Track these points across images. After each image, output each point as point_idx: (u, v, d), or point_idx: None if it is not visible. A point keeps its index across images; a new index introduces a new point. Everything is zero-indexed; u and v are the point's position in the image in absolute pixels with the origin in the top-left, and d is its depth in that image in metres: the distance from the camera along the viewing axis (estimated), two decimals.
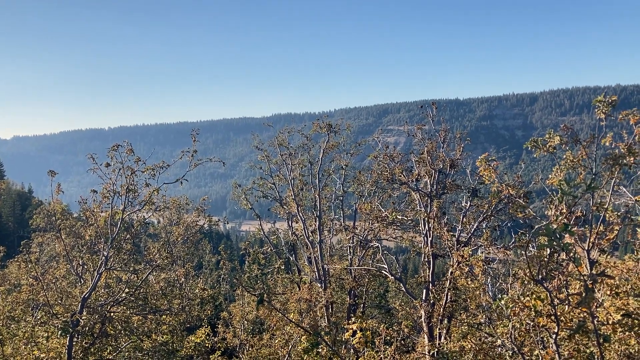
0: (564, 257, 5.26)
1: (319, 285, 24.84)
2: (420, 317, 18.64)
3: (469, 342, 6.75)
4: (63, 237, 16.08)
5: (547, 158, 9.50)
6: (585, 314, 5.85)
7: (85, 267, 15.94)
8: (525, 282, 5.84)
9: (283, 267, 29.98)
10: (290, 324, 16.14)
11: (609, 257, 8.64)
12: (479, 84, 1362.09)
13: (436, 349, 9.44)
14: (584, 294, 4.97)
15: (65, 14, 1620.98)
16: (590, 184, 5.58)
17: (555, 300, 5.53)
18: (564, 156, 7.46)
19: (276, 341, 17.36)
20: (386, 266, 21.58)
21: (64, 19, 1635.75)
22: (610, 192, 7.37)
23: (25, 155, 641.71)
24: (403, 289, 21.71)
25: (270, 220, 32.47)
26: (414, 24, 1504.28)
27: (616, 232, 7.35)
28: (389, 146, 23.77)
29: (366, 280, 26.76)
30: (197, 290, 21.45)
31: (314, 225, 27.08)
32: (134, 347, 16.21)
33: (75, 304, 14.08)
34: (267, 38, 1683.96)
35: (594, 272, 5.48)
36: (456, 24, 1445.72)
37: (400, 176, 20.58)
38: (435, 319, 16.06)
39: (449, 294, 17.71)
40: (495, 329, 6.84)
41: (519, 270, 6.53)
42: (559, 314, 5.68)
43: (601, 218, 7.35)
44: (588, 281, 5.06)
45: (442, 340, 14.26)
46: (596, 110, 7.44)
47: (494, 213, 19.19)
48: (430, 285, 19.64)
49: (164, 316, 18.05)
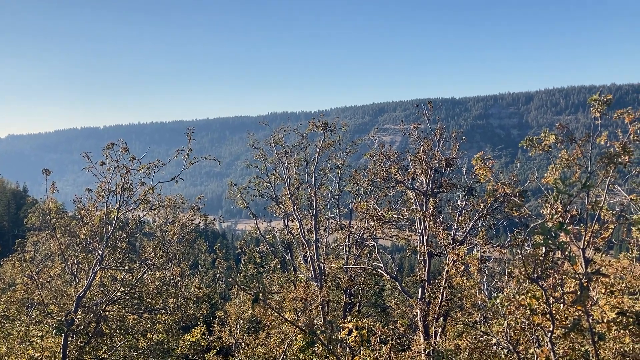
0: (560, 256, 5.27)
1: (315, 284, 24.84)
2: (416, 316, 18.67)
3: (464, 341, 6.75)
4: (58, 236, 16.01)
5: (543, 157, 9.55)
6: (580, 313, 5.86)
7: (80, 266, 15.87)
8: (521, 281, 5.85)
9: (279, 266, 29.97)
10: (286, 323, 16.13)
11: (604, 256, 8.67)
12: (474, 83, 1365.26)
13: (431, 348, 9.45)
14: (579, 293, 4.98)
15: (62, 13, 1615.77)
16: (586, 182, 5.60)
17: (551, 298, 5.54)
18: (560, 155, 7.47)
19: (271, 340, 17.34)
20: (382, 265, 21.61)
21: (60, 17, 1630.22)
22: (605, 191, 7.39)
23: (20, 154, 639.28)
24: (399, 287, 21.75)
25: (266, 219, 32.44)
26: (410, 23, 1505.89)
27: (611, 231, 7.37)
28: (385, 145, 23.80)
29: (362, 279, 26.78)
30: (193, 289, 21.41)
31: (310, 224, 27.07)
32: (129, 346, 16.16)
33: (70, 303, 14.03)
34: (264, 37, 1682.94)
35: (589, 271, 5.49)
36: (452, 24, 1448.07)
37: (396, 175, 20.61)
38: (431, 318, 16.07)
39: (445, 292, 17.74)
40: (491, 327, 6.85)
41: (514, 269, 6.54)
42: (554, 312, 5.69)
43: (596, 217, 7.37)
44: (583, 280, 5.06)
45: (438, 339, 14.29)
46: (591, 108, 7.45)
47: (490, 212, 19.23)
48: (426, 283, 19.67)
49: (159, 315, 18.02)
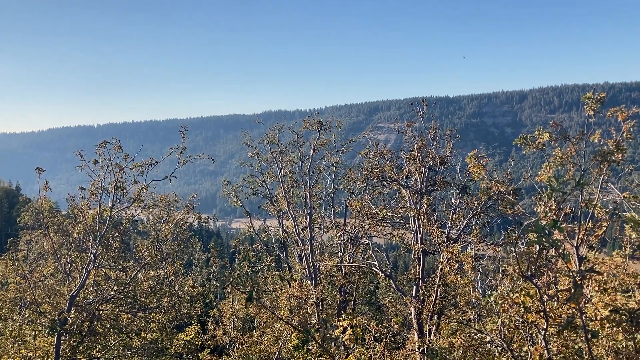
0: (553, 254, 5.27)
1: (310, 282, 24.82)
2: (411, 314, 18.69)
3: (458, 339, 6.76)
4: (51, 235, 15.93)
5: (537, 155, 9.55)
6: (574, 310, 5.87)
7: (74, 265, 15.79)
8: (515, 279, 5.85)
9: (274, 265, 29.96)
10: (281, 321, 16.11)
11: (597, 254, 8.70)
12: (469, 82, 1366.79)
13: (425, 346, 9.47)
14: (572, 290, 4.98)
15: (55, 11, 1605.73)
16: (579, 180, 5.61)
17: (545, 296, 5.54)
18: (553, 153, 7.49)
19: (265, 339, 17.33)
20: (376, 263, 21.63)
21: (53, 16, 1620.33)
22: (599, 189, 7.41)
23: (13, 153, 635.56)
24: (393, 285, 21.77)
25: (260, 218, 32.41)
26: (405, 22, 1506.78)
27: (604, 229, 7.39)
28: (379, 143, 23.81)
29: (357, 277, 26.80)
30: (187, 288, 21.37)
31: (304, 223, 27.05)
32: (123, 346, 16.10)
33: (63, 302, 13.95)
34: (258, 35, 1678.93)
35: (582, 269, 5.50)
36: (447, 22, 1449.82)
37: (391, 173, 20.62)
38: (425, 316, 16.11)
39: (439, 290, 17.77)
40: (485, 325, 6.86)
41: (508, 267, 6.54)
42: (548, 310, 5.70)
43: (589, 214, 7.38)
44: (577, 277, 5.07)
45: (432, 337, 14.31)
46: (585, 106, 7.46)
47: (484, 210, 19.28)
48: (420, 281, 19.70)
49: (153, 314, 17.96)
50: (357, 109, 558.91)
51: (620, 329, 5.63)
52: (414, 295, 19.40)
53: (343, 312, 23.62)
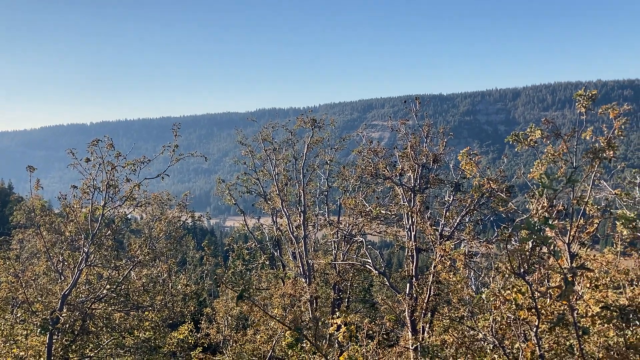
0: (545, 251, 5.29)
1: (304, 280, 24.83)
2: (404, 311, 18.73)
3: (450, 336, 6.77)
4: (44, 234, 15.84)
5: (530, 153, 9.57)
6: (565, 307, 5.89)
7: (66, 264, 15.71)
8: (507, 276, 5.87)
9: (267, 263, 29.94)
10: (273, 320, 16.09)
11: (589, 250, 8.74)
12: (462, 80, 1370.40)
13: (418, 343, 9.48)
14: (563, 287, 5.00)
15: (45, 9, 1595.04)
16: (570, 177, 5.63)
17: (536, 293, 5.56)
18: (545, 150, 7.51)
19: (258, 337, 17.32)
20: (370, 261, 21.66)
21: (43, 13, 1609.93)
22: (590, 186, 7.43)
23: (5, 151, 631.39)
24: (387, 283, 21.82)
25: (254, 216, 32.36)
26: (398, 20, 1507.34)
27: (596, 226, 7.42)
28: (373, 141, 23.84)
29: (350, 274, 26.83)
30: (180, 286, 21.32)
31: (298, 221, 27.04)
32: (116, 344, 16.04)
33: (56, 301, 13.88)
34: (252, 33, 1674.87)
35: (573, 265, 5.52)
36: (440, 20, 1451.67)
37: (384, 171, 20.65)
38: (418, 313, 16.14)
39: (432, 287, 17.82)
40: (477, 322, 6.87)
41: (500, 264, 6.55)
42: (540, 307, 5.72)
43: (581, 211, 7.41)
44: (568, 274, 5.09)
45: (425, 334, 14.35)
46: (577, 104, 7.49)
47: (477, 207, 19.35)
48: (414, 279, 19.75)
49: (146, 313, 17.91)
50: (351, 107, 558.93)
51: (611, 325, 5.66)
52: (407, 292, 19.44)
53: (337, 310, 23.64)
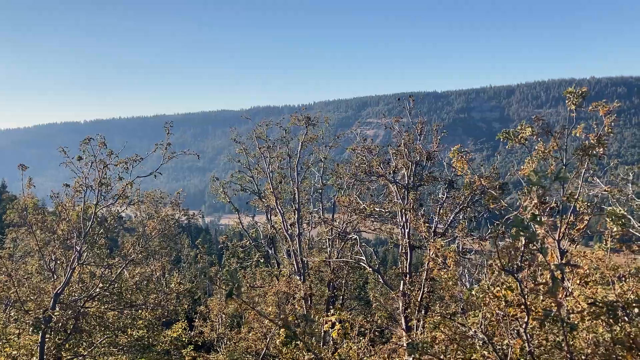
0: (532, 247, 5.31)
1: (298, 278, 24.84)
2: (398, 308, 18.78)
3: (441, 333, 6.80)
4: (37, 232, 15.78)
5: (524, 150, 9.60)
6: (554, 303, 5.92)
7: (59, 263, 15.66)
8: (496, 273, 5.89)
9: (262, 261, 29.94)
10: (272, 317, 16.10)
11: (583, 247, 8.79)
12: (457, 77, 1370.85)
13: (409, 340, 9.50)
14: (550, 284, 5.03)
15: (38, 6, 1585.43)
16: (558, 174, 5.66)
17: (526, 290, 5.59)
18: (536, 147, 7.54)
19: (250, 334, 17.33)
20: (364, 258, 21.69)
21: (36, 10, 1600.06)
22: (581, 183, 7.48)
23: None
24: (381, 280, 21.86)
25: (249, 214, 32.34)
26: (393, 18, 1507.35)
27: (586, 222, 7.46)
28: (368, 139, 23.88)
29: (345, 272, 26.86)
30: (173, 285, 21.30)
31: (292, 218, 27.02)
32: (109, 343, 16.00)
33: (48, 300, 13.84)
34: (246, 31, 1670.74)
35: (560, 262, 5.56)
36: (435, 18, 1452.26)
37: (378, 169, 20.68)
38: (412, 310, 16.19)
39: (426, 284, 17.87)
40: (467, 319, 6.90)
41: (491, 261, 6.58)
42: (530, 303, 5.76)
43: (571, 208, 7.45)
44: (555, 271, 5.12)
45: (417, 331, 14.39)
46: (567, 101, 7.52)
47: (470, 204, 19.43)
48: (407, 276, 19.80)
49: (140, 311, 17.86)
50: (346, 105, 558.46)
51: (599, 321, 5.70)
52: (401, 290, 19.49)
53: (332, 307, 23.67)
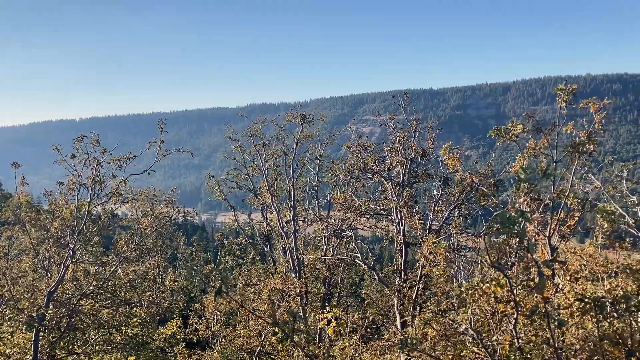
0: (520, 244, 5.34)
1: (294, 275, 24.87)
2: (393, 305, 18.83)
3: (431, 329, 6.83)
4: (33, 230, 15.75)
5: (521, 147, 9.62)
6: (544, 299, 5.96)
7: (52, 261, 15.64)
8: (486, 269, 5.93)
9: (258, 258, 29.96)
10: (264, 314, 16.06)
11: (580, 244, 8.83)
12: (453, 74, 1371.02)
13: (400, 337, 9.52)
14: (537, 280, 5.07)
15: (32, 4, 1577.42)
16: (546, 171, 5.70)
17: (516, 286, 5.62)
18: (527, 144, 7.57)
19: (242, 331, 17.33)
20: (359, 255, 21.74)
21: (29, 8, 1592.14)
22: (571, 179, 7.52)
23: None
24: (376, 277, 21.93)
25: (245, 212, 32.36)
26: (389, 15, 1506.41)
27: (577, 219, 7.50)
28: (364, 136, 23.94)
29: (340, 269, 26.91)
30: (168, 282, 21.30)
31: (288, 216, 27.05)
32: (103, 341, 15.99)
33: (42, 298, 13.82)
34: (242, 29, 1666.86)
35: (547, 259, 5.59)
36: (431, 15, 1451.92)
37: (373, 166, 20.72)
38: (403, 307, 16.23)
39: (421, 281, 17.92)
40: (458, 315, 6.94)
41: (481, 258, 6.62)
42: (520, 300, 5.79)
43: (562, 205, 7.48)
44: (543, 267, 5.16)
45: (410, 328, 14.42)
46: (557, 98, 7.56)
47: (465, 201, 19.48)
48: (402, 273, 19.86)
49: (135, 309, 17.86)
50: (342, 102, 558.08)
51: (588, 316, 5.74)
52: (396, 286, 19.55)
53: (327, 304, 23.71)
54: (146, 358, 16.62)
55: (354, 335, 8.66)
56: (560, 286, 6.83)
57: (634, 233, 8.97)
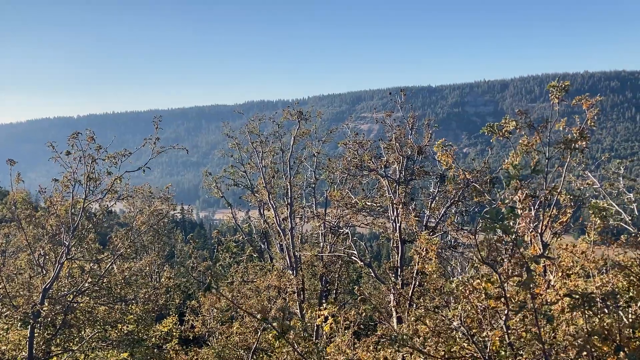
0: (510, 240, 5.36)
1: (291, 272, 24.89)
2: (390, 302, 18.88)
3: (423, 325, 6.85)
4: (29, 227, 15.73)
5: (514, 144, 9.61)
6: (537, 295, 6.00)
7: (47, 258, 15.62)
8: (477, 265, 5.95)
9: (255, 255, 29.98)
10: (260, 311, 16.09)
11: (577, 241, 8.86)
12: (451, 71, 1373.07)
13: (392, 332, 9.56)
14: (525, 276, 5.09)
15: (30, 1, 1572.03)
16: (535, 167, 5.71)
17: (506, 282, 5.64)
18: (520, 141, 7.60)
19: (234, 328, 17.37)
20: (355, 252, 21.76)
21: (28, 5, 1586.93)
22: (563, 175, 7.53)
23: None
24: (372, 274, 21.95)
25: (243, 209, 32.35)
26: (387, 12, 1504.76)
27: (569, 215, 7.53)
28: (363, 133, 23.95)
29: (337, 266, 26.92)
30: (163, 279, 21.30)
31: (285, 213, 27.04)
32: (99, 337, 15.99)
33: (37, 295, 13.82)
34: (240, 26, 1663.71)
35: (535, 255, 5.61)
36: (429, 12, 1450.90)
37: (369, 163, 20.73)
38: (395, 303, 16.28)
39: (417, 278, 17.94)
40: (450, 311, 6.96)
41: (472, 254, 6.65)
42: (509, 296, 5.81)
43: (554, 201, 7.51)
44: (530, 263, 5.17)
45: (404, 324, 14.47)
46: (550, 95, 7.58)
47: (462, 198, 19.49)
48: (399, 270, 19.90)
49: (132, 306, 17.86)
50: (340, 99, 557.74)
51: (578, 312, 5.77)
52: (392, 283, 19.59)
53: (324, 302, 23.74)
54: (141, 355, 16.62)
55: (346, 332, 8.68)
56: (552, 282, 6.85)
57: (632, 230, 8.98)
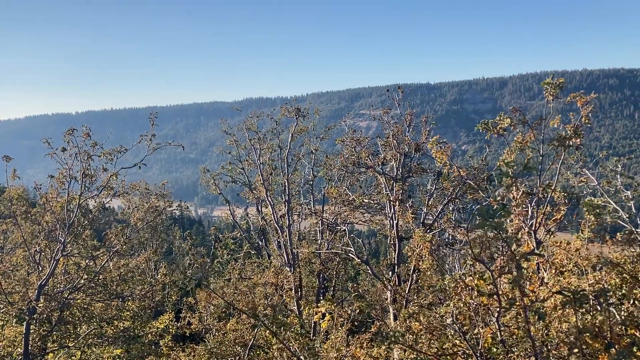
0: (502, 237, 5.37)
1: (288, 269, 24.89)
2: (387, 299, 18.91)
3: (416, 322, 6.86)
4: (25, 224, 15.71)
5: (509, 141, 9.61)
6: (529, 292, 6.02)
7: (43, 254, 15.61)
8: (470, 263, 5.96)
9: (253, 252, 30.00)
10: (250, 308, 16.10)
11: (556, 236, 8.87)
12: (449, 69, 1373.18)
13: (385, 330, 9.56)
14: (515, 273, 5.09)
15: None
16: (527, 164, 5.71)
17: (498, 279, 5.65)
18: (515, 138, 7.60)
19: (230, 325, 17.39)
20: (353, 249, 21.76)
21: (28, 2, 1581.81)
22: (557, 173, 7.54)
23: None
24: (370, 271, 21.96)
25: (241, 206, 32.34)
26: (386, 9, 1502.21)
27: (563, 213, 7.53)
28: (361, 130, 23.96)
29: (335, 263, 26.92)
30: (159, 276, 21.30)
31: (283, 210, 27.04)
32: (95, 334, 16.00)
33: (33, 292, 13.81)
34: (239, 23, 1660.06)
35: (525, 252, 5.62)
36: (428, 9, 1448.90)
37: (366, 160, 20.70)
38: (391, 300, 16.31)
39: (414, 275, 17.95)
40: (442, 308, 6.97)
41: (465, 251, 6.67)
42: (501, 293, 5.82)
43: (547, 198, 7.52)
44: (520, 260, 5.18)
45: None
46: (544, 92, 7.58)
47: (459, 195, 19.49)
48: (396, 267, 19.90)
49: (128, 302, 17.87)
50: (339, 96, 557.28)
51: (571, 310, 5.77)
52: (389, 280, 19.60)
53: (322, 298, 23.76)
54: (137, 351, 16.64)
55: (340, 328, 8.69)
56: (545, 279, 6.86)
57: (630, 228, 8.98)
